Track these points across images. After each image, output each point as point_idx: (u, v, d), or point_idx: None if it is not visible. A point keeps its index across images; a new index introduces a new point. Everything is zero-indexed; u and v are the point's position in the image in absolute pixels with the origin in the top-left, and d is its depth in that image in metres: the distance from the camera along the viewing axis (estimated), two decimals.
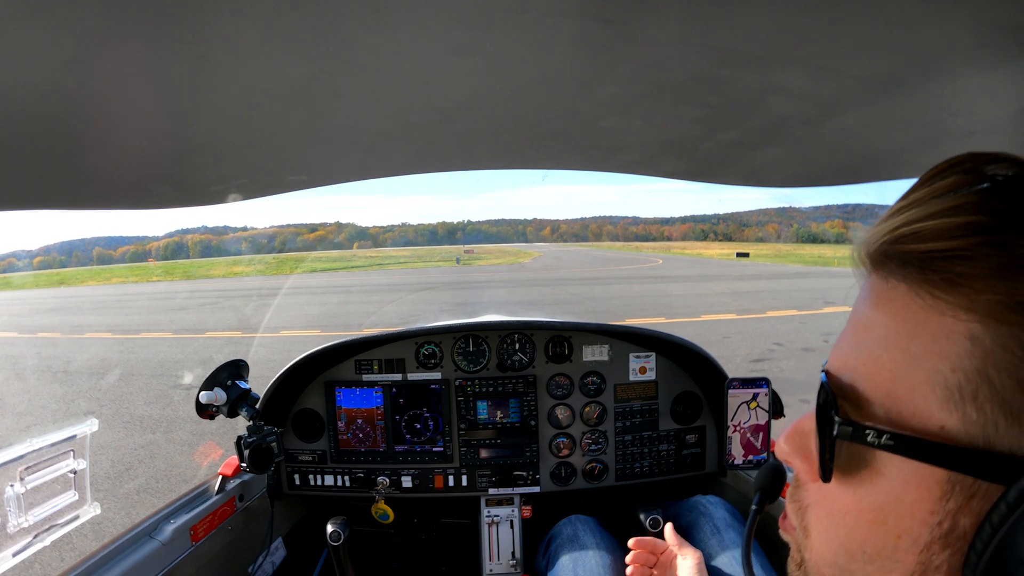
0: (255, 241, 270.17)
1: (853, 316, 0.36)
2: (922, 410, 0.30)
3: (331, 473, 1.70)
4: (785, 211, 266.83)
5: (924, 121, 0.65)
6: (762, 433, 1.47)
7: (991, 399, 0.27)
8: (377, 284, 26.61)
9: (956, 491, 0.29)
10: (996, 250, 0.28)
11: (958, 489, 0.29)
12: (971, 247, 0.28)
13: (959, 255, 0.29)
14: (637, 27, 0.42)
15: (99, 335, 11.77)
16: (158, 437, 4.96)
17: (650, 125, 0.70)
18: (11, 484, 0.95)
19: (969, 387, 0.28)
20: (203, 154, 0.67)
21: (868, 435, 0.31)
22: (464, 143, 0.78)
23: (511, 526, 1.67)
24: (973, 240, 0.28)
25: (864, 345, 0.33)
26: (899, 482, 0.31)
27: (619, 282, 22.55)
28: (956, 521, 0.29)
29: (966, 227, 0.29)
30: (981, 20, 0.40)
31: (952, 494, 0.29)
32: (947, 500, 0.29)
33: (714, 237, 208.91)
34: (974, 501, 0.28)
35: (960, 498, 0.29)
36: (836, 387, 0.34)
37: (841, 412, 0.33)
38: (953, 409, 0.28)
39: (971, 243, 0.28)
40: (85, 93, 0.45)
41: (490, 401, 1.71)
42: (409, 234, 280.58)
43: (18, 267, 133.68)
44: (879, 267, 0.33)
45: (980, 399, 0.28)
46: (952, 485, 0.29)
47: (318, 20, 0.39)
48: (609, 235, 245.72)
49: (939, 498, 0.29)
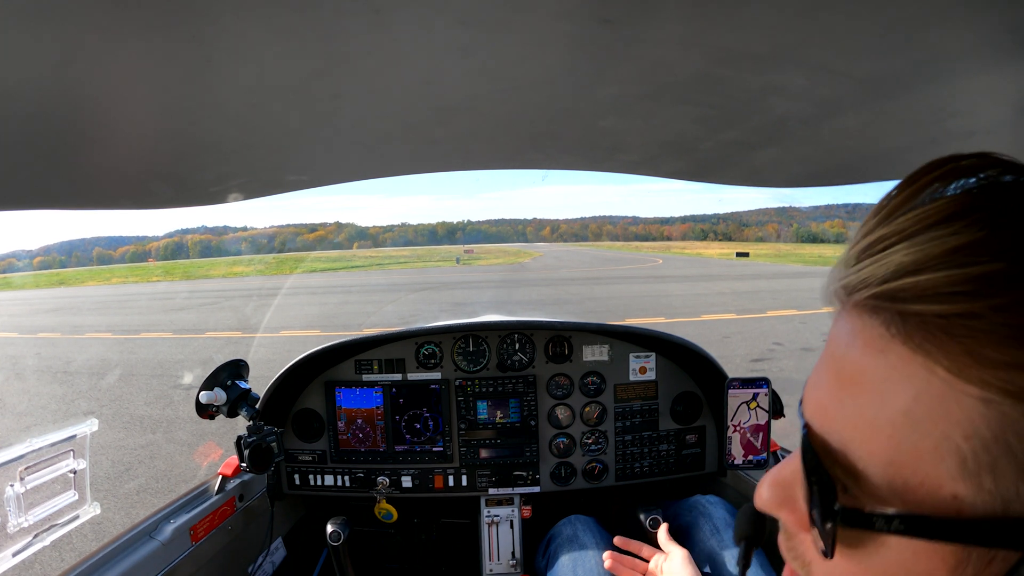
0: (255, 241, 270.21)
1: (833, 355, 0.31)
2: (932, 481, 0.26)
3: (331, 473, 1.70)
4: (785, 211, 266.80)
5: (924, 121, 0.65)
6: (762, 433, 1.47)
7: (1011, 467, 0.24)
8: (377, 284, 26.61)
9: (972, 560, 0.26)
10: (1013, 311, 0.24)
11: (975, 557, 0.26)
12: (982, 310, 0.24)
13: (972, 317, 0.24)
14: (637, 27, 0.42)
15: (99, 335, 11.78)
16: (158, 437, 4.96)
17: (650, 125, 0.70)
18: (11, 484, 0.95)
19: (986, 457, 0.25)
20: (203, 154, 0.67)
21: (876, 523, 0.27)
22: (464, 143, 0.78)
23: (511, 526, 1.67)
24: (985, 302, 0.24)
25: (853, 400, 0.29)
26: (908, 555, 0.28)
27: (619, 282, 22.55)
28: None
29: (978, 281, 0.24)
30: (981, 20, 0.40)
31: (968, 563, 0.26)
32: (963, 569, 0.27)
33: (714, 237, 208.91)
34: (993, 565, 0.26)
35: (978, 565, 0.26)
36: (823, 450, 0.30)
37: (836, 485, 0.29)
38: (967, 479, 0.25)
39: (983, 306, 0.24)
40: (86, 93, 0.45)
41: (490, 401, 1.71)
42: (409, 234, 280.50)
43: (18, 267, 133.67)
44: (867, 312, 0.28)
45: (999, 468, 0.25)
46: (967, 554, 0.26)
47: (318, 20, 0.39)
48: (609, 235, 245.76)
49: (953, 567, 0.27)
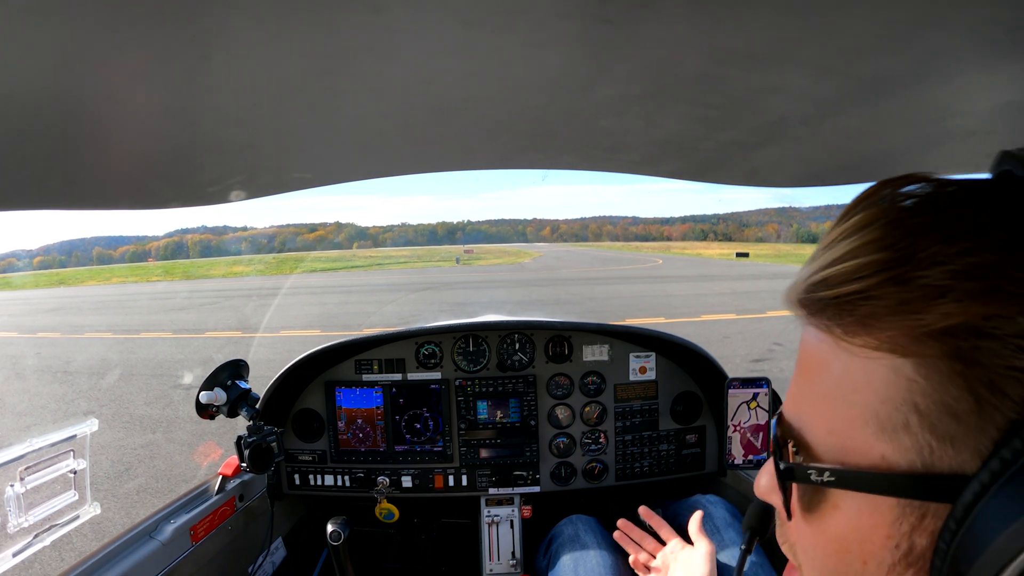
0: (255, 241, 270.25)
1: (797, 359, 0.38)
2: (861, 444, 0.31)
3: (331, 473, 1.70)
4: (785, 211, 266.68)
5: (924, 121, 0.64)
6: (762, 433, 1.47)
7: (921, 425, 0.28)
8: (377, 284, 26.60)
9: (907, 514, 0.30)
10: (898, 286, 0.28)
11: (908, 511, 0.30)
12: (875, 287, 0.29)
13: (865, 296, 0.30)
14: (637, 27, 0.42)
15: (99, 335, 11.78)
16: (158, 437, 4.96)
17: (650, 125, 0.70)
18: (11, 484, 0.95)
19: (899, 416, 0.29)
20: (203, 154, 0.67)
21: (811, 474, 0.33)
22: (464, 143, 0.78)
23: (511, 526, 1.67)
24: (876, 279, 0.29)
25: (804, 388, 0.35)
26: (853, 512, 0.32)
27: (619, 282, 22.55)
28: (913, 542, 0.30)
29: (870, 266, 0.30)
30: (981, 20, 0.40)
31: (904, 517, 0.30)
32: (900, 524, 0.30)
33: (714, 237, 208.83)
34: (926, 521, 0.29)
35: (912, 519, 0.30)
36: (786, 431, 0.37)
37: (787, 455, 0.36)
38: (888, 439, 0.30)
39: (875, 283, 0.29)
40: (85, 92, 0.45)
41: (490, 401, 1.71)
42: (409, 234, 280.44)
43: (18, 267, 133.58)
44: (804, 313, 0.34)
45: (911, 426, 0.29)
46: (902, 509, 0.30)
47: (318, 20, 0.39)
48: (609, 235, 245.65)
49: (892, 522, 0.30)
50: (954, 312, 0.27)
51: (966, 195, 0.31)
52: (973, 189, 0.31)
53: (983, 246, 0.28)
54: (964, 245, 0.28)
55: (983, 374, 0.27)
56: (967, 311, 0.27)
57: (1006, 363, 0.26)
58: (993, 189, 0.31)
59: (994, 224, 0.28)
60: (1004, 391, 0.26)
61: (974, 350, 0.27)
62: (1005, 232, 0.28)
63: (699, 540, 1.16)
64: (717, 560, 1.27)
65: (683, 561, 1.13)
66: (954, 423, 0.28)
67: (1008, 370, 0.26)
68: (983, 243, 0.28)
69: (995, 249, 0.27)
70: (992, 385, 0.27)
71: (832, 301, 0.31)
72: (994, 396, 0.27)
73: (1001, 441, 0.26)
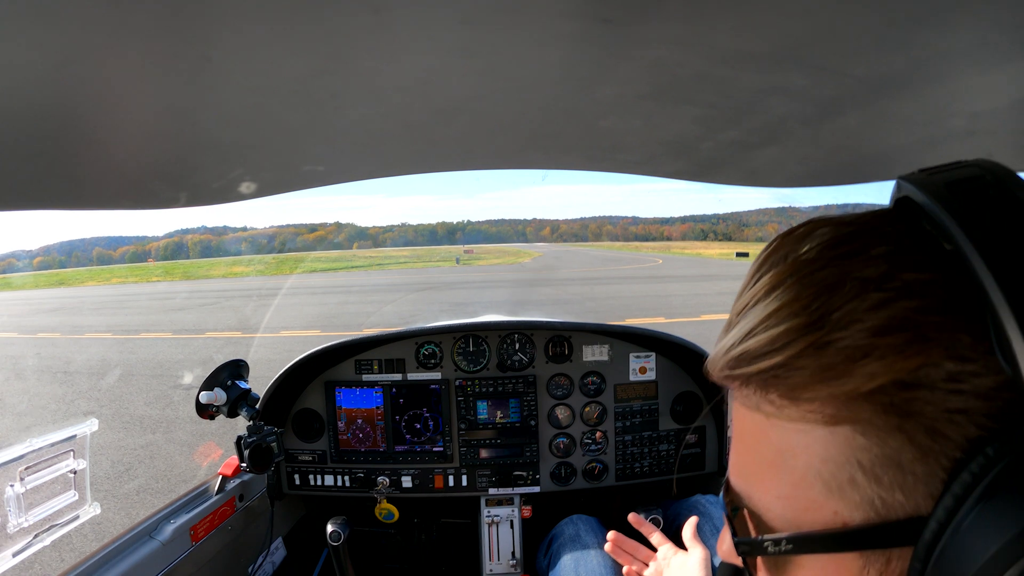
0: (255, 241, 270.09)
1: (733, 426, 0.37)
2: (812, 504, 0.30)
3: (331, 473, 1.70)
4: (785, 211, 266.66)
5: (924, 121, 0.65)
6: None
7: (867, 480, 0.28)
8: (377, 284, 26.60)
9: (872, 562, 0.29)
10: (818, 351, 0.28)
11: (872, 559, 0.29)
12: (795, 357, 0.28)
13: (787, 368, 0.29)
14: (637, 27, 0.42)
15: (99, 335, 11.77)
16: (158, 437, 4.96)
17: (650, 125, 0.70)
18: (11, 484, 0.95)
19: (844, 474, 0.29)
20: (203, 154, 0.67)
21: (767, 546, 0.32)
22: (464, 143, 0.78)
23: (511, 526, 1.67)
24: (795, 349, 0.28)
25: (745, 455, 0.35)
26: (819, 570, 0.31)
27: (619, 282, 22.55)
28: None
29: (786, 335, 0.29)
30: (981, 20, 0.41)
31: (869, 565, 0.29)
32: (867, 571, 0.30)
33: (714, 237, 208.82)
34: (892, 564, 0.29)
35: (878, 565, 0.29)
36: (735, 499, 0.36)
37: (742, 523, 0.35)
38: (838, 497, 0.29)
39: (793, 353, 0.28)
40: (87, 92, 0.45)
41: (490, 401, 1.71)
42: (409, 234, 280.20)
43: (18, 267, 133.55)
44: (729, 386, 0.34)
45: (858, 482, 0.28)
46: (866, 559, 0.29)
47: (318, 20, 0.39)
48: (609, 235, 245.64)
49: (859, 572, 0.30)
50: (880, 372, 0.26)
51: (867, 236, 0.30)
52: (872, 227, 0.30)
53: (897, 295, 0.27)
54: (877, 297, 0.27)
55: (921, 422, 0.26)
56: (892, 368, 0.26)
57: (941, 408, 0.26)
58: (893, 222, 0.30)
59: (901, 265, 0.28)
60: (944, 434, 0.26)
61: (908, 402, 0.26)
62: (913, 272, 0.27)
63: (693, 547, 1.17)
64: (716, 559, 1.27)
65: (676, 567, 1.13)
66: (900, 473, 0.27)
67: (945, 413, 0.26)
68: (896, 291, 0.27)
69: (908, 295, 0.27)
70: (932, 431, 0.26)
71: (755, 376, 0.30)
72: (935, 442, 0.26)
73: (949, 479, 0.26)
